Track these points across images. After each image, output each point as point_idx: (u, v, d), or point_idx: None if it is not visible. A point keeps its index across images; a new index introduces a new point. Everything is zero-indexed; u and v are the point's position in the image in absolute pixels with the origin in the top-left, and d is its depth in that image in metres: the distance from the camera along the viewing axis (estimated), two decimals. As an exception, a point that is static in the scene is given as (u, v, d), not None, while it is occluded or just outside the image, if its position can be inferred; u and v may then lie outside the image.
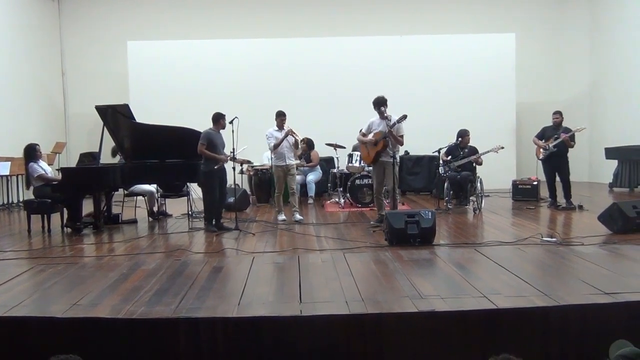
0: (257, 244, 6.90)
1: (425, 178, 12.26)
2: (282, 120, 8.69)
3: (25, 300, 4.46)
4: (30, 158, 8.19)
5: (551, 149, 9.20)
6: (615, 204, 7.05)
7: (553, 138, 9.23)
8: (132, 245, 7.05)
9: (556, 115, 9.48)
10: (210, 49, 13.03)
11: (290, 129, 8.63)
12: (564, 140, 9.08)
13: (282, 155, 8.66)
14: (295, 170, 9.04)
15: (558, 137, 9.14)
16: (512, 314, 4.03)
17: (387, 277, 5.08)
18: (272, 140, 8.65)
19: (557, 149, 9.17)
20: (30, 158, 8.19)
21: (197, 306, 4.23)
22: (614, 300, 4.13)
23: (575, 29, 14.20)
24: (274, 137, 8.66)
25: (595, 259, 5.53)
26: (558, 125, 9.37)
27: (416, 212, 6.68)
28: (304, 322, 3.98)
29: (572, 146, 9.24)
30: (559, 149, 9.17)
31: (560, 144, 9.14)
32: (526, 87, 13.63)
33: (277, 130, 8.70)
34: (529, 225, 7.88)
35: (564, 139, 9.08)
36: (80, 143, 12.98)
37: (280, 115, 8.71)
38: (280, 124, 8.70)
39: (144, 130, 8.43)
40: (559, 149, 9.17)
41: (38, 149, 8.40)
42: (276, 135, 8.66)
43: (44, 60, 13.24)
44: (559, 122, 9.38)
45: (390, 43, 13.08)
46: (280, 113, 8.73)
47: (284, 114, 8.72)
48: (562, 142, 9.10)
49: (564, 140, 9.08)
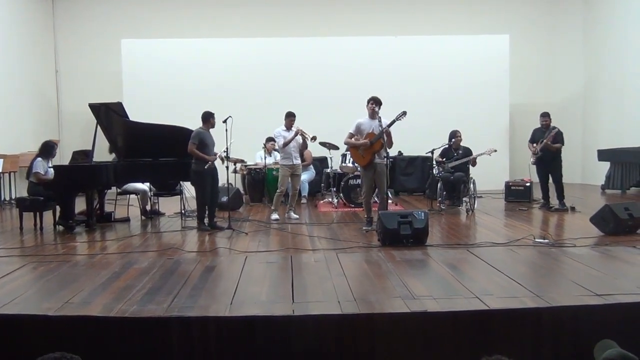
0: (250, 243, 6.89)
1: (418, 179, 12.27)
2: (291, 120, 8.85)
3: (16, 298, 4.45)
4: (42, 154, 8.18)
5: (538, 152, 9.26)
6: (607, 205, 7.08)
7: (540, 141, 9.28)
8: (125, 243, 7.04)
9: (544, 118, 9.50)
10: (204, 48, 12.99)
11: (300, 128, 8.75)
12: (545, 145, 9.14)
13: (289, 154, 8.77)
14: (301, 170, 9.16)
15: (542, 141, 9.20)
16: (504, 315, 4.05)
17: (380, 277, 5.09)
18: (281, 139, 8.76)
19: (545, 152, 9.22)
20: (42, 154, 8.19)
21: (189, 305, 4.23)
22: (605, 302, 4.15)
23: (569, 30, 14.24)
24: (282, 136, 8.77)
25: (587, 261, 5.56)
26: (546, 127, 9.40)
27: (409, 212, 6.70)
28: (296, 322, 3.98)
29: (555, 149, 9.25)
30: (546, 152, 9.22)
31: (544, 147, 9.19)
32: (520, 88, 13.64)
33: (285, 130, 8.83)
34: (522, 226, 7.90)
35: (545, 144, 9.14)
36: (74, 141, 12.90)
37: (290, 116, 8.88)
38: (289, 124, 8.84)
39: (137, 129, 8.41)
40: (548, 152, 9.22)
41: (54, 150, 8.45)
42: (284, 135, 8.77)
43: (37, 58, 13.17)
44: (547, 125, 9.41)
45: (384, 43, 13.06)
46: (290, 114, 8.90)
47: (293, 114, 8.90)
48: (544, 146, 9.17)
49: (545, 145, 9.14)
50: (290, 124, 8.83)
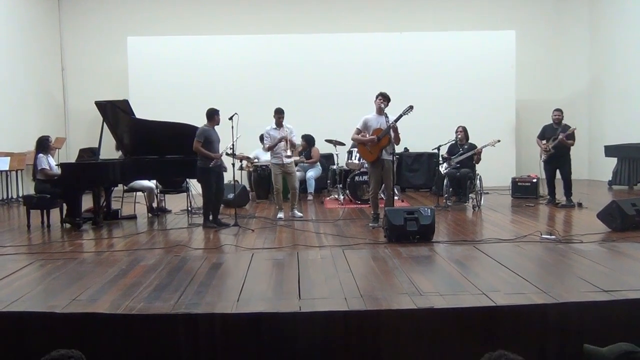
0: (256, 240, 6.90)
1: (424, 175, 12.27)
2: (280, 117, 8.61)
3: (24, 296, 4.47)
4: (41, 149, 8.20)
5: (551, 150, 9.20)
6: (614, 201, 7.06)
7: (552, 139, 9.22)
8: (132, 241, 7.06)
9: (556, 112, 9.44)
10: (210, 45, 13.00)
11: (285, 136, 8.52)
12: (560, 141, 9.09)
13: (278, 154, 8.60)
14: (295, 167, 9.00)
15: (556, 138, 9.14)
16: (511, 311, 4.04)
17: (386, 274, 5.09)
18: (268, 141, 8.61)
19: (557, 150, 9.18)
20: (40, 149, 8.20)
21: (196, 302, 4.24)
22: (612, 298, 4.14)
23: (575, 26, 14.18)
24: (270, 138, 8.60)
25: (594, 257, 5.54)
26: (558, 123, 9.35)
27: (415, 209, 6.69)
28: (303, 319, 3.98)
29: (571, 145, 9.24)
30: (558, 149, 9.18)
31: (559, 144, 9.14)
32: (526, 84, 13.60)
33: (274, 129, 8.63)
34: (528, 222, 7.88)
35: (560, 140, 9.09)
36: (80, 138, 12.96)
37: (279, 113, 8.63)
38: (278, 121, 8.63)
39: (143, 126, 8.44)
40: (559, 149, 9.18)
41: (50, 142, 8.47)
42: (273, 135, 8.58)
43: (43, 56, 13.22)
44: (559, 120, 9.36)
45: (390, 40, 13.05)
46: (279, 110, 8.65)
47: (282, 111, 8.64)
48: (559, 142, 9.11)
49: (560, 141, 9.09)
50: (279, 121, 8.61)
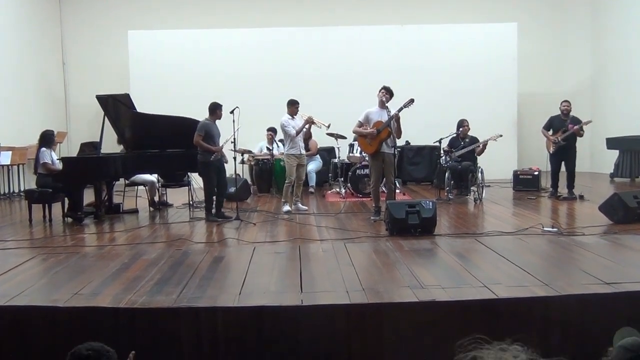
0: (258, 234, 6.90)
1: (426, 168, 12.25)
2: (296, 108, 8.63)
3: (26, 290, 4.47)
4: (44, 143, 8.20)
5: (560, 142, 9.16)
6: (616, 194, 7.05)
7: (562, 131, 9.17)
8: (133, 235, 7.07)
9: (565, 103, 9.36)
10: (211, 39, 12.96)
11: (311, 117, 8.59)
12: (573, 131, 9.06)
13: (297, 144, 8.58)
14: (306, 160, 9.03)
15: (567, 130, 9.10)
16: (513, 304, 4.04)
17: (388, 267, 5.09)
18: (291, 129, 8.51)
19: (566, 141, 9.15)
20: (43, 143, 8.20)
21: (198, 296, 4.25)
22: (614, 290, 4.15)
23: (578, 18, 14.11)
24: (291, 126, 8.53)
25: (596, 249, 5.54)
26: (567, 114, 9.31)
27: (417, 202, 6.69)
28: (304, 312, 3.99)
29: (581, 135, 9.20)
30: (568, 140, 9.15)
31: (570, 136, 9.11)
32: (528, 77, 13.54)
33: (291, 119, 8.60)
34: (530, 215, 7.87)
35: (573, 131, 9.05)
36: (81, 133, 12.94)
37: (295, 104, 8.65)
38: (294, 112, 8.62)
39: (144, 120, 8.43)
40: (568, 140, 9.15)
41: (54, 137, 8.47)
42: (293, 124, 8.56)
43: (44, 50, 13.18)
44: (568, 111, 9.30)
45: (391, 32, 12.99)
46: (294, 101, 8.67)
47: (297, 102, 8.67)
48: (571, 133, 9.07)
49: (573, 131, 9.06)
50: (294, 111, 8.62)
